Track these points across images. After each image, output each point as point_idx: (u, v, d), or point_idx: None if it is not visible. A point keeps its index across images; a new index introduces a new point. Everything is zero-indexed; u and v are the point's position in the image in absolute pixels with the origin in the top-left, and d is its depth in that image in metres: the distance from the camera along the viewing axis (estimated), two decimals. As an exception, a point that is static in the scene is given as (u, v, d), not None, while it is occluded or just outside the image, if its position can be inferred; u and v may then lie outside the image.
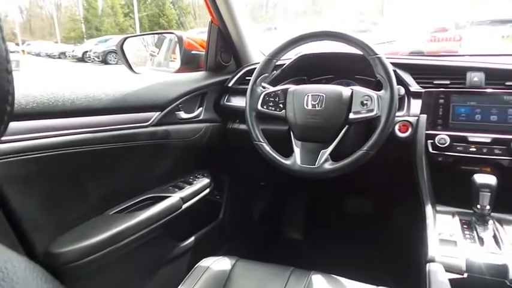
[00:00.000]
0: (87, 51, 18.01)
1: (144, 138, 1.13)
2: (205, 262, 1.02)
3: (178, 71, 1.44)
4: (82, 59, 18.26)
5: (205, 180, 1.36)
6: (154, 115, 1.16)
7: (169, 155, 1.27)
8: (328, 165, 1.01)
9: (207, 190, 1.35)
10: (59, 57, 21.73)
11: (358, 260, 1.35)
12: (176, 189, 1.24)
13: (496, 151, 0.98)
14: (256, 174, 1.72)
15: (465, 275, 0.79)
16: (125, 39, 1.47)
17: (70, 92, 0.95)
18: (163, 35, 1.79)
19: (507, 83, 1.06)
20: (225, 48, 1.44)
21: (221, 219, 1.53)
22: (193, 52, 1.45)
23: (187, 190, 1.25)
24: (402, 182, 1.18)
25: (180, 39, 1.42)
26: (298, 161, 1.04)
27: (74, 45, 25.02)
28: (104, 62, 16.35)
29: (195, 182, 1.32)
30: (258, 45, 1.54)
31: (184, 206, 1.21)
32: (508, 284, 0.75)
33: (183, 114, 1.25)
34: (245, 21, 1.42)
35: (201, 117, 1.33)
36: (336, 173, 1.00)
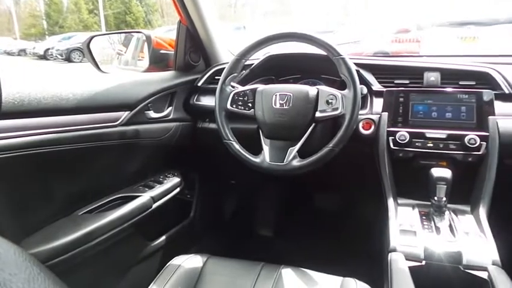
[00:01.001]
0: (49, 49, 17.25)
1: (113, 138, 1.12)
2: (177, 260, 1.03)
3: (147, 71, 1.43)
4: (44, 57, 17.47)
5: (176, 179, 1.36)
6: (124, 115, 1.16)
7: (139, 155, 1.27)
8: (296, 162, 1.04)
9: (178, 189, 1.36)
10: (19, 55, 20.71)
11: (326, 253, 1.40)
12: (147, 189, 1.24)
13: (451, 146, 1.05)
14: (227, 172, 1.74)
15: (424, 263, 0.85)
16: (92, 37, 1.45)
17: (36, 91, 0.93)
18: (131, 33, 1.77)
19: (460, 82, 1.14)
20: (194, 48, 1.45)
21: (192, 217, 1.53)
22: (162, 51, 1.45)
23: (158, 189, 1.25)
24: (367, 177, 1.23)
25: (148, 39, 1.42)
26: (267, 159, 1.07)
27: (35, 42, 23.91)
28: (68, 60, 15.73)
29: (165, 181, 1.32)
30: (226, 45, 1.56)
31: (155, 205, 1.21)
32: (462, 268, 0.82)
33: (152, 114, 1.25)
34: (214, 21, 1.43)
35: (170, 117, 1.33)
36: (303, 169, 1.04)
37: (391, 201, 1.06)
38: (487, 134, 1.02)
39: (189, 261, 1.02)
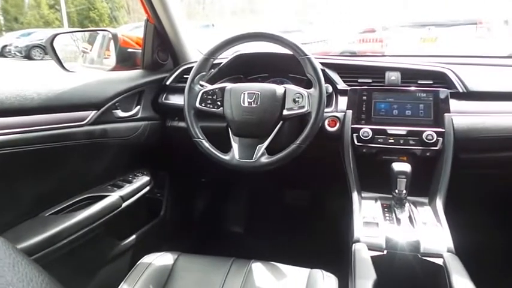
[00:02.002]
0: (6, 45, 16.38)
1: (80, 137, 1.10)
2: (147, 258, 1.03)
3: (113, 69, 1.41)
4: (1, 54, 16.60)
5: (145, 178, 1.36)
6: (91, 114, 1.14)
7: (108, 154, 1.25)
8: (264, 159, 1.07)
9: (147, 188, 1.35)
10: (-29, 52, 19.55)
11: (295, 247, 1.44)
12: (115, 188, 1.23)
13: (411, 142, 1.11)
14: (197, 170, 1.74)
15: (385, 252, 0.89)
16: (55, 35, 1.41)
17: None
18: (97, 31, 1.73)
19: (419, 82, 1.21)
20: (161, 47, 1.44)
21: (162, 216, 1.53)
22: (129, 50, 1.43)
23: (127, 189, 1.25)
24: (334, 172, 1.27)
25: (115, 37, 1.40)
26: (237, 156, 1.09)
27: (-10, 38, 22.64)
28: (28, 57, 15.00)
29: (134, 180, 1.32)
30: (195, 44, 1.56)
31: (124, 204, 1.21)
32: (420, 256, 0.87)
33: (120, 113, 1.24)
34: (181, 20, 1.43)
35: (139, 116, 1.32)
36: (271, 166, 1.07)
37: (355, 195, 1.11)
38: (443, 130, 1.09)
39: (159, 259, 1.02)
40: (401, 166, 0.98)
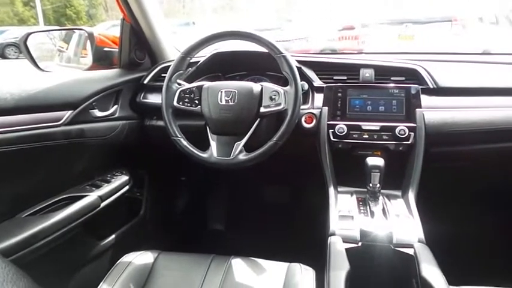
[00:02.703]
0: (-22, 44, 15.86)
1: (56, 137, 1.09)
2: (127, 258, 1.03)
3: (90, 69, 1.40)
4: (-28, 53, 16.02)
5: (124, 178, 1.35)
6: (67, 114, 1.13)
7: (86, 154, 1.24)
8: (242, 156, 1.09)
9: (127, 187, 1.35)
10: None
11: (275, 242, 1.46)
12: (94, 188, 1.22)
13: (384, 137, 1.15)
14: (176, 169, 1.74)
15: (360, 244, 0.92)
16: (29, 34, 1.38)
17: None
18: (73, 30, 1.71)
19: (392, 78, 1.24)
20: (138, 46, 1.43)
21: (142, 215, 1.53)
22: (105, 49, 1.42)
23: (106, 188, 1.24)
24: (310, 168, 1.30)
25: (91, 36, 1.38)
26: (215, 154, 1.10)
27: (-40, 37, 21.80)
28: (2, 56, 14.55)
29: (113, 180, 1.31)
30: (173, 42, 1.56)
31: (103, 204, 1.20)
32: (393, 247, 0.90)
33: (97, 112, 1.23)
34: (159, 19, 1.43)
35: (116, 115, 1.32)
36: (249, 162, 1.08)
37: (331, 190, 1.14)
38: (415, 125, 1.13)
39: (139, 258, 1.02)
40: (375, 161, 1.00)
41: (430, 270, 0.80)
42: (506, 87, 1.21)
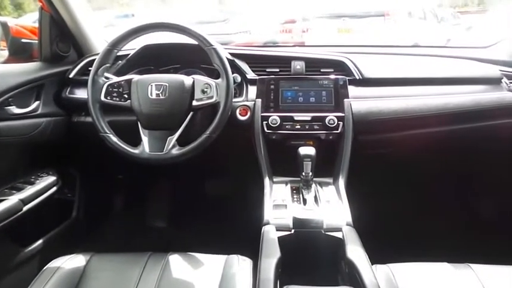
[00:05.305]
0: None
1: None
2: (56, 263, 0.98)
3: (6, 62, 1.29)
4: None
5: (51, 179, 1.27)
6: None
7: (4, 155, 1.16)
8: (175, 151, 1.07)
9: (54, 188, 1.28)
10: None
11: (215, 235, 1.46)
12: (14, 191, 1.14)
13: (315, 127, 1.19)
14: (111, 167, 1.67)
15: (292, 231, 0.95)
16: None
17: None
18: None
19: (322, 70, 1.29)
20: (61, 37, 1.34)
21: (75, 217, 1.45)
22: (23, 41, 1.32)
23: (29, 191, 1.16)
24: (248, 160, 1.31)
25: (4, 26, 1.27)
26: (147, 149, 1.07)
27: None
28: None
29: (38, 181, 1.23)
30: (102, 34, 1.48)
31: (26, 207, 1.13)
32: (323, 232, 0.94)
33: (15, 109, 1.15)
34: (82, 8, 1.35)
35: (39, 112, 1.23)
36: (183, 157, 1.07)
37: (267, 180, 1.16)
38: (343, 114, 1.18)
39: (69, 262, 0.97)
40: (306, 150, 1.03)
41: (355, 251, 0.84)
42: (426, 77, 1.30)
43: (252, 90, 1.26)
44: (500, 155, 1.40)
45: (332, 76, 1.25)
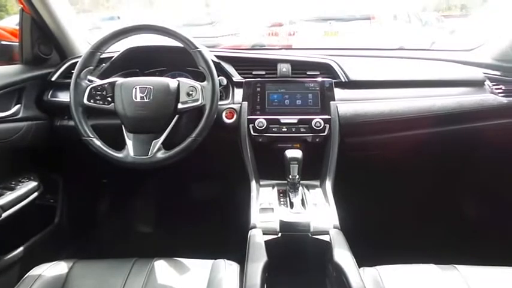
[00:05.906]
0: None
1: None
2: (37, 270, 0.95)
3: (-15, 64, 1.26)
4: None
5: (32, 184, 1.24)
6: None
7: None
8: (160, 154, 1.05)
9: (35, 194, 1.24)
10: None
11: (201, 239, 1.44)
12: None
13: (302, 129, 1.18)
14: (96, 171, 1.64)
15: (279, 235, 0.94)
16: None
17: None
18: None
19: (308, 73, 1.29)
20: (43, 40, 1.31)
21: (57, 223, 1.42)
22: (3, 43, 1.28)
23: (8, 197, 1.13)
24: (234, 163, 1.30)
25: (-18, 28, 1.24)
26: (131, 153, 1.05)
27: None
28: None
29: (18, 186, 1.20)
30: (85, 36, 1.46)
31: (5, 214, 1.09)
32: (310, 235, 0.93)
33: None
34: (64, 10, 1.32)
35: (20, 115, 1.20)
36: (169, 160, 1.05)
37: (253, 184, 1.15)
38: (330, 117, 1.18)
39: (51, 270, 0.95)
40: (293, 153, 1.03)
41: (342, 254, 0.84)
42: (411, 79, 1.31)
43: (238, 93, 1.25)
44: (485, 157, 1.42)
45: (318, 79, 1.25)
